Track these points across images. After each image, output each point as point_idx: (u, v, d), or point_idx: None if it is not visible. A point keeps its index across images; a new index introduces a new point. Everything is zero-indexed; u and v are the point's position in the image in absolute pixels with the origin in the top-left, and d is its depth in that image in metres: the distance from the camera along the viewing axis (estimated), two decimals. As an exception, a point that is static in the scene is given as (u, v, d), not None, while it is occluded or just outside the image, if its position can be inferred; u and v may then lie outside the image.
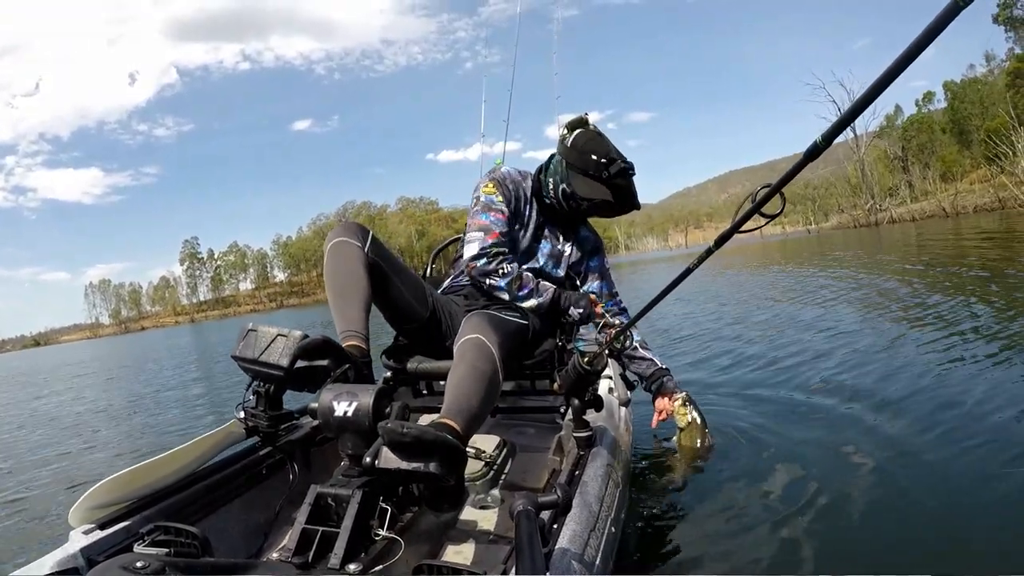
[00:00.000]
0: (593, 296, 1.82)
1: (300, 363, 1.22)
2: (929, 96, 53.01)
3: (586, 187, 1.74)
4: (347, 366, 1.24)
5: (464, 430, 1.13)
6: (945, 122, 49.08)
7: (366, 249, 1.47)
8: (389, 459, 1.01)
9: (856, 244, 17.46)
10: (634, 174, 1.77)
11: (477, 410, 1.20)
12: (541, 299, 1.73)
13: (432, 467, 1.00)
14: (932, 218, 30.82)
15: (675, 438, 2.17)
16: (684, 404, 2.09)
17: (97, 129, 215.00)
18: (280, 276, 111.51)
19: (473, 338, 1.30)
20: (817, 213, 65.24)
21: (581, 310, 1.74)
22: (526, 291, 1.73)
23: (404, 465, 1.01)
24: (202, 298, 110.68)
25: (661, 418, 2.13)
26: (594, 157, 1.72)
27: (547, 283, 1.77)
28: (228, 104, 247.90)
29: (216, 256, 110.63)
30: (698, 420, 2.12)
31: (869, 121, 48.24)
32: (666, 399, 2.10)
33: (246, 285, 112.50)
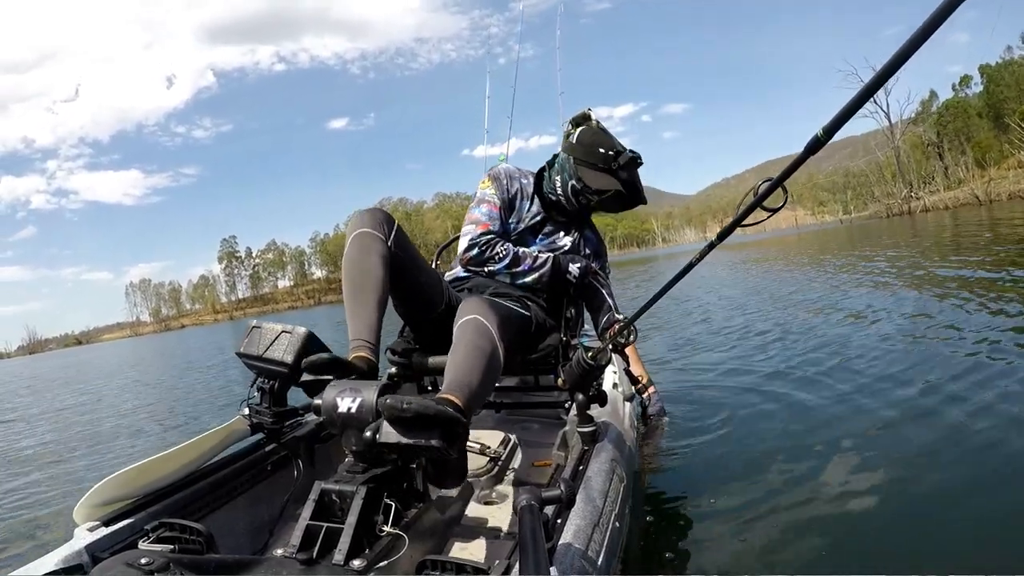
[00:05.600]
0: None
1: (306, 377, 1.21)
2: (966, 80, 51.43)
3: (595, 180, 1.76)
4: (352, 377, 1.23)
5: (465, 404, 1.12)
6: (981, 106, 47.57)
7: (389, 243, 1.44)
8: (390, 434, 1.01)
9: (888, 235, 17.02)
10: (641, 163, 1.77)
11: (478, 386, 1.19)
12: (543, 270, 1.77)
13: (434, 441, 1.00)
14: (965, 206, 29.87)
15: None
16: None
17: (136, 132, 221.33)
18: (318, 273, 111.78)
19: (471, 319, 1.30)
20: (856, 201, 63.57)
21: (579, 265, 1.80)
22: (525, 267, 1.77)
23: (405, 439, 1.00)
24: (241, 296, 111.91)
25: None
26: (601, 150, 1.74)
27: (544, 253, 1.80)
28: (265, 104, 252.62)
29: (254, 254, 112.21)
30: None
31: (904, 107, 46.91)
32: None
33: (284, 282, 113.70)
